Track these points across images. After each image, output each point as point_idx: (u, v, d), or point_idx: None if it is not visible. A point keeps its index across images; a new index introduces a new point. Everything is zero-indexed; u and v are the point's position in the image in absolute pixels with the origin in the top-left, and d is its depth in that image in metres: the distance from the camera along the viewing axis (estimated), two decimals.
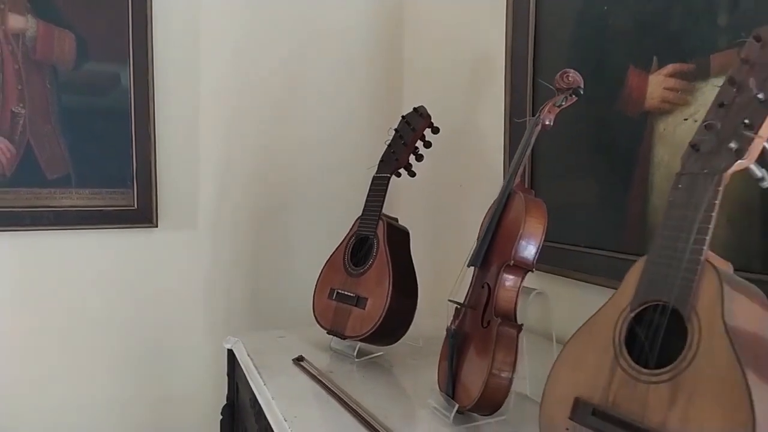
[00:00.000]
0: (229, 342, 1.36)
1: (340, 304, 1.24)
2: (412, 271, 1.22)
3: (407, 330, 1.21)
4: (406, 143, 1.27)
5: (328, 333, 1.24)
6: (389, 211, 1.28)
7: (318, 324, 1.27)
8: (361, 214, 1.29)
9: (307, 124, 1.89)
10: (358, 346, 1.20)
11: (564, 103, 0.96)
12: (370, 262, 1.21)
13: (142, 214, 1.68)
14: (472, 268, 0.96)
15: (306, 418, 0.93)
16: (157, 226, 1.71)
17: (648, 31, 1.06)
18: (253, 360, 1.20)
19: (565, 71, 0.96)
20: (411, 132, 1.27)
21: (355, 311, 1.20)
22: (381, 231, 1.22)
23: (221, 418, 1.43)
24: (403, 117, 1.30)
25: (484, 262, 0.93)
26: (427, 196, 1.82)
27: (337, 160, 1.92)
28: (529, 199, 0.89)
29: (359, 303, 1.19)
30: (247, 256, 1.86)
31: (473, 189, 1.63)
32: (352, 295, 1.22)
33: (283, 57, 1.85)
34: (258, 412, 1.09)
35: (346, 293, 1.23)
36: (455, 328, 0.93)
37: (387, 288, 1.15)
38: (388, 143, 1.31)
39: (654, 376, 0.56)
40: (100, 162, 1.64)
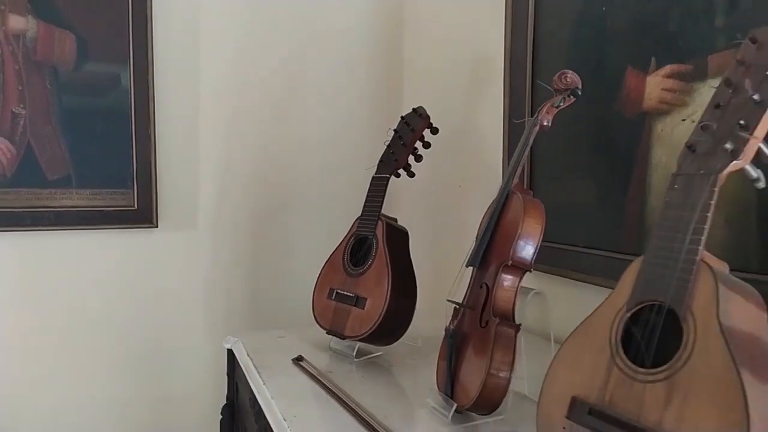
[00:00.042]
0: (228, 342, 1.36)
1: (340, 304, 1.24)
2: (411, 272, 1.22)
3: (406, 330, 1.21)
4: (405, 144, 1.28)
5: (327, 333, 1.25)
6: (389, 212, 1.29)
7: (317, 324, 1.28)
8: (360, 215, 1.29)
9: (307, 124, 1.90)
10: (358, 346, 1.21)
11: (562, 103, 0.96)
12: (370, 263, 1.21)
13: (142, 214, 1.69)
14: (470, 268, 0.97)
15: (305, 418, 0.93)
16: (157, 227, 1.71)
17: (646, 32, 1.07)
18: (252, 360, 1.20)
19: (563, 72, 0.97)
20: (410, 133, 1.27)
21: (354, 311, 1.20)
22: (380, 231, 1.22)
23: (221, 417, 1.43)
24: (402, 118, 1.31)
25: (483, 263, 0.94)
26: (426, 197, 1.82)
27: (337, 160, 1.92)
28: (527, 200, 0.90)
29: (358, 303, 1.20)
30: (247, 256, 1.87)
31: (473, 189, 1.63)
32: (352, 295, 1.22)
33: (283, 57, 1.85)
34: (258, 412, 1.09)
35: (346, 293, 1.23)
36: (454, 328, 0.94)
37: (386, 288, 1.15)
38: (387, 144, 1.31)
39: (650, 376, 0.56)
40: (100, 162, 1.64)
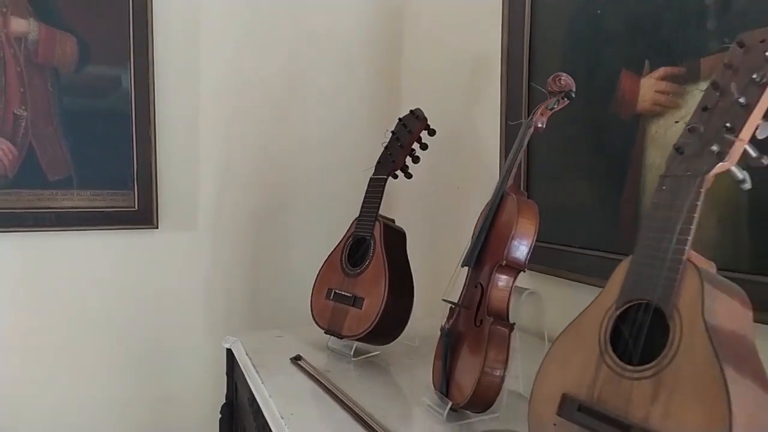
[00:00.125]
0: (228, 341, 1.37)
1: (338, 304, 1.25)
2: (408, 272, 1.24)
3: (403, 330, 1.22)
4: (402, 145, 1.29)
5: (325, 332, 1.26)
6: (387, 212, 1.30)
7: (315, 324, 1.29)
8: (358, 216, 1.30)
9: (306, 124, 1.91)
10: (355, 345, 1.22)
11: (556, 106, 0.97)
12: (367, 263, 1.23)
13: (142, 215, 1.70)
14: (466, 268, 0.98)
15: (302, 416, 0.94)
16: (157, 227, 1.72)
17: (640, 35, 1.08)
18: (251, 359, 1.21)
19: (557, 75, 0.98)
20: (407, 134, 1.29)
21: (351, 311, 1.21)
22: (378, 232, 1.23)
23: (220, 417, 1.44)
24: (399, 119, 1.32)
25: (478, 263, 0.95)
26: (424, 197, 1.84)
27: (336, 160, 1.93)
28: (521, 201, 0.91)
29: (356, 303, 1.21)
30: (246, 257, 1.88)
31: (470, 190, 1.64)
32: (349, 295, 1.23)
33: (283, 58, 1.86)
34: (256, 411, 1.10)
35: (344, 293, 1.25)
36: (449, 328, 0.95)
37: (383, 288, 1.16)
38: (384, 145, 1.32)
39: (637, 373, 0.57)
40: (101, 163, 1.65)
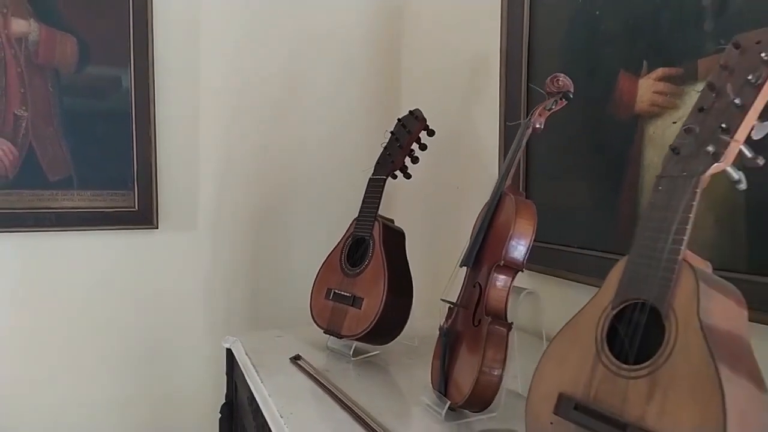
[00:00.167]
0: (227, 341, 1.37)
1: (337, 304, 1.25)
2: (407, 272, 1.24)
3: (402, 329, 1.22)
4: (401, 145, 1.29)
5: (324, 332, 1.26)
6: (387, 213, 1.30)
7: (315, 323, 1.29)
8: (357, 216, 1.31)
9: (306, 125, 1.91)
10: (354, 345, 1.22)
11: (554, 106, 0.98)
12: (366, 263, 1.23)
13: (142, 215, 1.70)
14: (464, 268, 0.98)
15: (301, 415, 0.94)
16: (157, 227, 1.73)
17: (638, 36, 1.08)
18: (251, 359, 1.21)
19: (555, 75, 0.98)
20: (406, 134, 1.29)
21: (351, 311, 1.21)
22: (377, 232, 1.24)
23: (220, 416, 1.45)
24: (399, 120, 1.32)
25: (476, 263, 0.95)
26: (424, 198, 1.84)
27: (336, 160, 1.94)
28: (519, 201, 0.91)
29: (355, 303, 1.21)
30: (246, 257, 1.88)
31: (470, 190, 1.64)
32: (348, 295, 1.23)
33: (283, 59, 1.87)
34: (255, 410, 1.11)
35: (343, 293, 1.25)
36: (447, 327, 0.95)
37: (382, 288, 1.17)
38: (383, 146, 1.33)
39: (633, 372, 0.58)
40: (101, 164, 1.66)
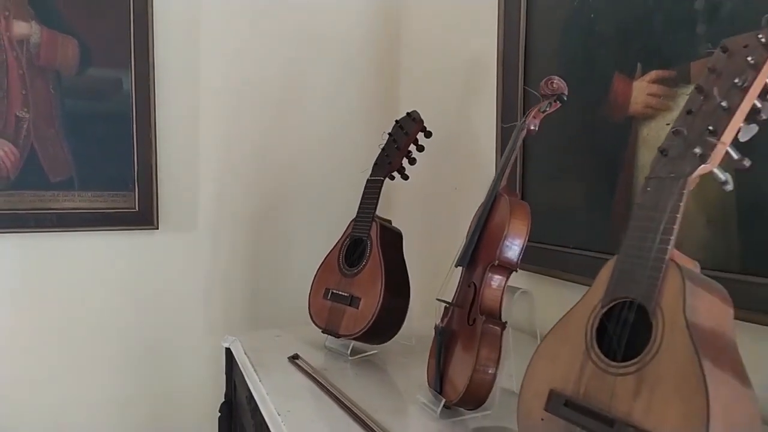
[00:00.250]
0: (227, 341, 1.39)
1: (335, 304, 1.27)
2: (404, 272, 1.25)
3: (399, 329, 1.24)
4: (399, 147, 1.30)
5: (323, 332, 1.27)
6: (385, 213, 1.31)
7: (313, 323, 1.31)
8: (355, 216, 1.32)
9: (305, 126, 1.93)
10: (352, 344, 1.23)
11: (548, 108, 0.99)
12: (364, 263, 1.24)
13: (143, 216, 1.72)
14: (460, 268, 1.00)
15: (299, 413, 0.96)
16: (157, 228, 1.74)
17: (632, 39, 1.10)
18: (249, 358, 1.23)
19: (549, 78, 0.99)
20: (404, 136, 1.30)
21: (348, 311, 1.23)
22: (374, 233, 1.25)
23: (219, 415, 1.46)
24: (396, 121, 1.33)
25: (471, 263, 0.96)
26: (422, 199, 1.85)
27: (336, 161, 1.95)
28: (513, 202, 0.92)
29: (353, 303, 1.22)
30: (246, 257, 1.89)
31: (467, 191, 1.66)
32: (346, 295, 1.25)
33: (282, 59, 1.88)
34: (254, 409, 1.12)
35: (341, 293, 1.26)
36: (443, 326, 0.96)
37: (379, 288, 1.18)
38: (381, 147, 1.34)
39: (621, 369, 0.59)
40: (102, 165, 1.67)
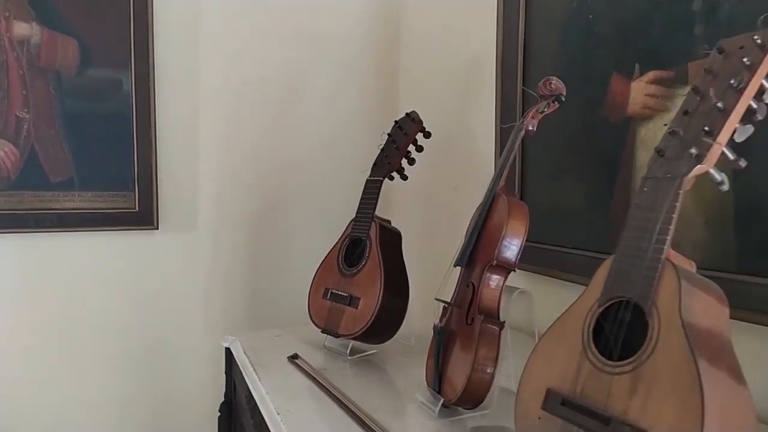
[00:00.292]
0: (226, 341, 1.39)
1: (334, 304, 1.27)
2: (403, 272, 1.26)
3: (398, 329, 1.24)
4: (398, 147, 1.31)
5: (322, 332, 1.28)
6: (384, 213, 1.32)
7: (313, 323, 1.31)
8: (354, 217, 1.32)
9: (305, 126, 1.93)
10: (351, 344, 1.24)
11: (546, 109, 0.99)
12: (363, 263, 1.25)
13: (143, 216, 1.72)
14: (459, 268, 1.00)
15: (298, 413, 0.96)
16: (157, 228, 1.74)
17: (630, 40, 1.10)
18: (249, 358, 1.23)
19: (547, 79, 1.00)
20: (403, 137, 1.31)
21: (348, 310, 1.23)
22: (373, 233, 1.26)
23: (219, 415, 1.46)
24: (396, 122, 1.34)
25: (470, 262, 0.97)
26: (422, 199, 1.86)
27: (336, 161, 1.95)
28: (511, 202, 0.93)
29: (352, 302, 1.23)
30: (246, 257, 1.90)
31: (466, 191, 1.66)
32: (346, 294, 1.25)
33: (282, 60, 1.89)
34: (253, 408, 1.12)
35: (340, 293, 1.27)
36: (441, 326, 0.97)
37: (379, 288, 1.18)
38: (381, 147, 1.34)
39: (617, 368, 0.59)
40: (102, 165, 1.68)
